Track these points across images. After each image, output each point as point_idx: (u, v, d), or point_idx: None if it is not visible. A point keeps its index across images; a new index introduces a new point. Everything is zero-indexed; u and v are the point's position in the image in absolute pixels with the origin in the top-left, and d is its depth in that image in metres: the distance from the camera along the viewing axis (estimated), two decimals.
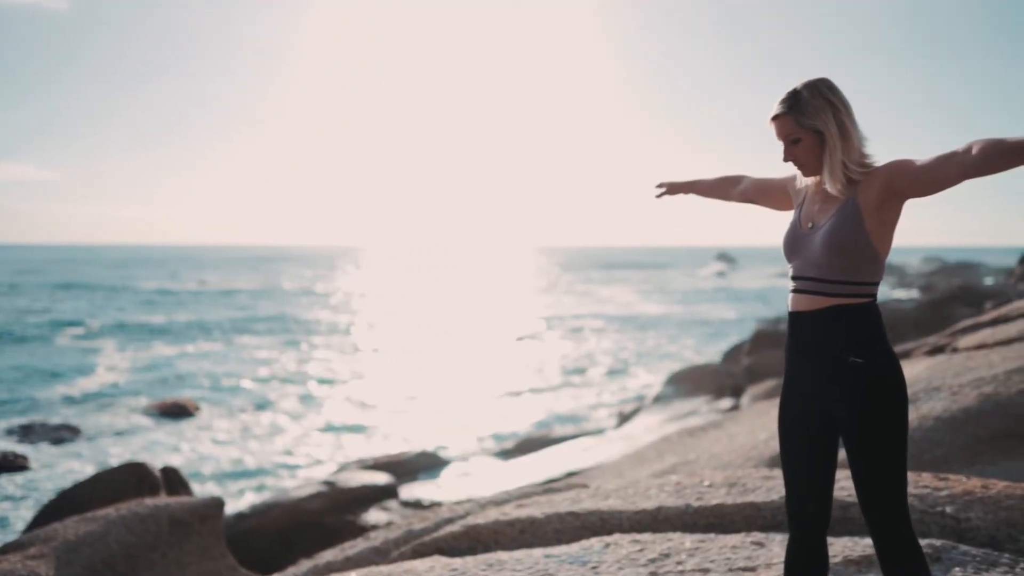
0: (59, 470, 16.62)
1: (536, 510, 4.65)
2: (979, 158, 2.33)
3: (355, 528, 11.91)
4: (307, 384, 27.26)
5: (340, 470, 15.33)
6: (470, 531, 4.60)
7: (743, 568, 3.64)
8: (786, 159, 2.78)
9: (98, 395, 24.86)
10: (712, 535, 4.09)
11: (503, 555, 4.09)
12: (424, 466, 16.14)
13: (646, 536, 4.10)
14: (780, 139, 2.75)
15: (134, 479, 9.65)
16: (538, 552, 4.04)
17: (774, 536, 4.02)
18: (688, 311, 56.64)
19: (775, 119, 2.74)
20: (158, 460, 15.18)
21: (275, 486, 15.92)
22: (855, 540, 3.90)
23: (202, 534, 5.92)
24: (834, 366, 2.65)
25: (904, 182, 2.55)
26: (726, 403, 18.10)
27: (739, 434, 8.86)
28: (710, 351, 33.89)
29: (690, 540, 4.02)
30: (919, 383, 7.62)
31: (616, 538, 4.12)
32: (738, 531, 4.22)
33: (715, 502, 4.43)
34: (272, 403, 23.94)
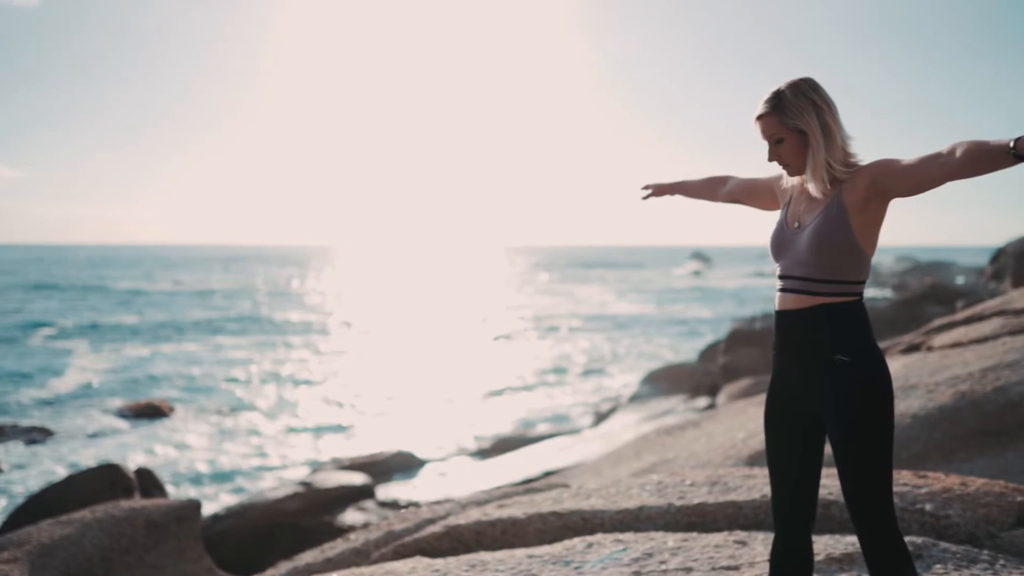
0: (31, 472, 16.43)
1: (518, 510, 4.63)
2: (961, 161, 2.33)
3: (332, 529, 11.85)
4: (282, 384, 27.11)
5: (316, 471, 15.26)
6: (451, 531, 4.57)
7: (726, 567, 3.65)
8: (771, 159, 2.78)
9: (71, 396, 24.60)
10: (694, 534, 4.09)
11: (485, 556, 4.07)
12: (400, 466, 16.09)
13: (628, 535, 4.10)
14: (764, 139, 2.75)
15: (108, 481, 9.56)
16: (521, 552, 4.03)
17: (756, 535, 4.02)
18: (664, 310, 56.86)
19: (759, 119, 2.74)
20: (132, 462, 15.04)
21: (251, 487, 15.82)
22: (836, 538, 3.92)
23: (179, 536, 5.85)
24: (820, 364, 2.65)
25: (889, 181, 2.55)
26: (702, 402, 18.18)
27: (717, 433, 8.88)
28: (686, 350, 34.03)
29: (672, 539, 4.02)
30: (896, 381, 7.68)
31: (598, 538, 4.11)
32: (720, 530, 4.22)
33: (697, 501, 4.43)
34: (247, 404, 23.79)
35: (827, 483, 4.13)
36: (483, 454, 17.29)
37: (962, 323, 10.51)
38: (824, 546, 3.79)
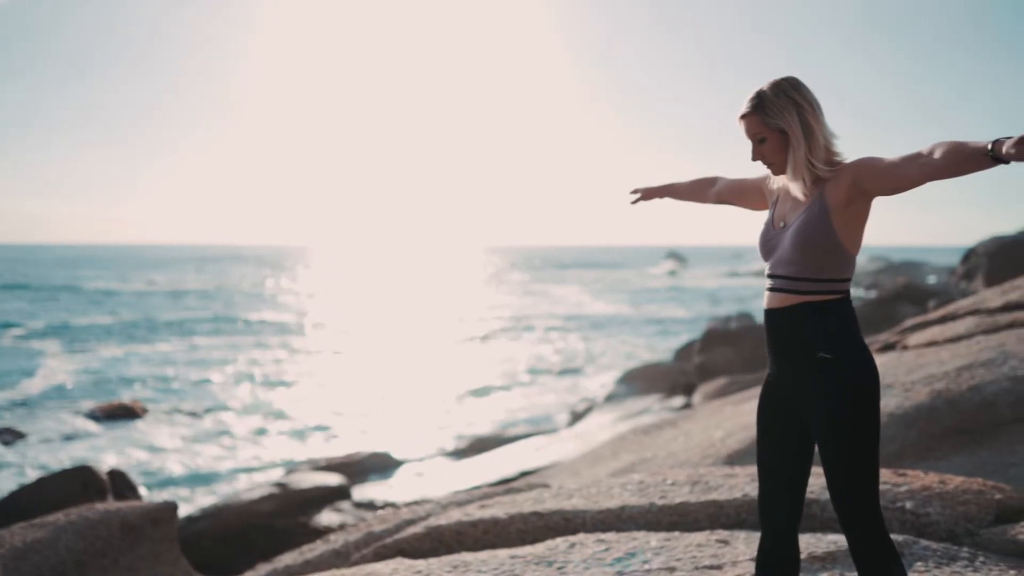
0: (1, 475, 16.21)
1: (499, 510, 4.61)
2: (941, 162, 2.33)
3: (308, 529, 11.78)
4: (256, 385, 26.92)
5: (291, 471, 15.16)
6: (432, 532, 4.54)
7: (709, 566, 3.64)
8: (754, 158, 2.80)
9: (41, 397, 24.31)
10: (676, 533, 4.08)
11: (468, 556, 4.04)
12: (376, 466, 16.01)
13: (611, 535, 4.08)
14: (748, 138, 2.76)
15: (80, 483, 9.45)
16: (503, 553, 4.00)
17: (738, 534, 4.02)
18: (640, 310, 57.00)
19: (742, 118, 2.76)
20: (104, 463, 14.88)
21: (225, 488, 15.69)
22: (818, 536, 3.93)
23: (155, 539, 5.78)
24: (805, 362, 2.66)
25: (870, 181, 2.55)
26: (678, 401, 18.23)
27: (694, 432, 8.90)
28: (662, 349, 34.12)
29: (655, 539, 4.01)
30: None
31: (581, 538, 4.09)
32: (702, 529, 4.22)
33: (678, 500, 4.42)
34: (221, 404, 23.60)
35: (809, 481, 4.13)
36: (459, 454, 17.24)
37: (936, 322, 10.60)
38: (806, 545, 3.79)
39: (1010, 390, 6.87)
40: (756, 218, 3.04)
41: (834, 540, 3.85)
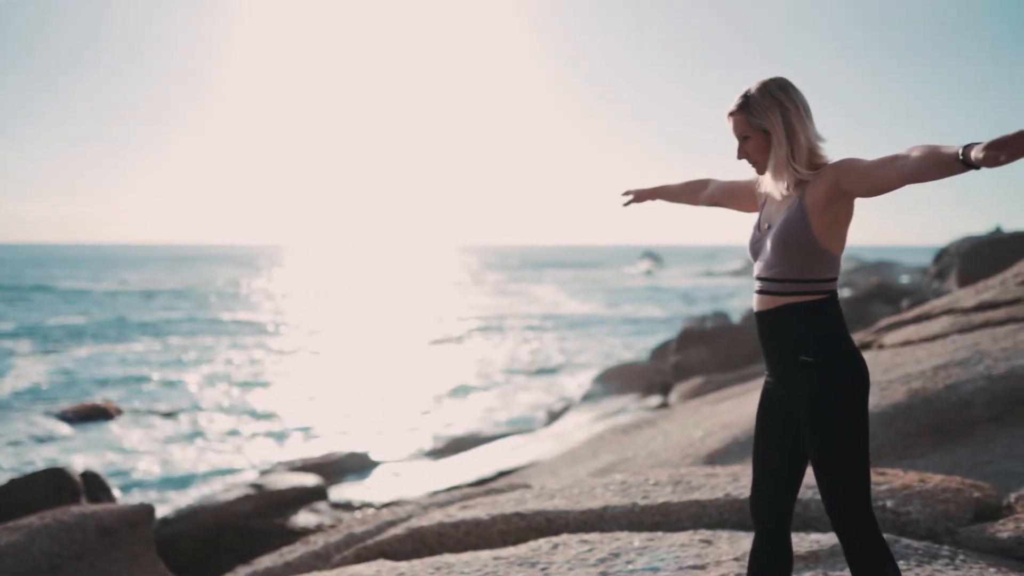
0: None
1: (481, 511, 4.58)
2: (915, 166, 2.33)
3: (284, 531, 11.70)
4: (231, 385, 26.72)
5: (267, 472, 15.04)
6: (414, 533, 4.51)
7: (693, 566, 3.64)
8: (739, 156, 2.82)
9: (12, 398, 24.00)
10: (659, 533, 4.08)
11: (450, 558, 4.02)
12: (353, 467, 15.93)
13: (594, 536, 4.07)
14: (735, 136, 2.77)
15: (53, 485, 9.32)
16: (486, 554, 3.98)
17: (721, 534, 4.03)
18: (617, 309, 57.10)
19: (729, 116, 2.79)
20: (77, 465, 14.71)
21: (200, 489, 15.55)
22: (801, 536, 3.94)
23: (131, 542, 5.71)
24: (791, 365, 2.66)
25: (849, 181, 2.56)
26: (654, 400, 18.27)
27: (673, 432, 8.91)
28: (638, 349, 34.19)
29: (638, 539, 4.00)
30: None
31: (564, 538, 4.08)
32: (685, 529, 4.22)
33: (661, 500, 4.42)
34: (195, 405, 23.40)
35: None
36: (437, 454, 17.19)
37: (912, 321, 10.70)
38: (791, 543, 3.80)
39: (986, 389, 6.93)
40: (730, 218, 3.05)
41: (816, 539, 3.86)
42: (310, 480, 13.50)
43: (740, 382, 13.84)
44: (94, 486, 10.85)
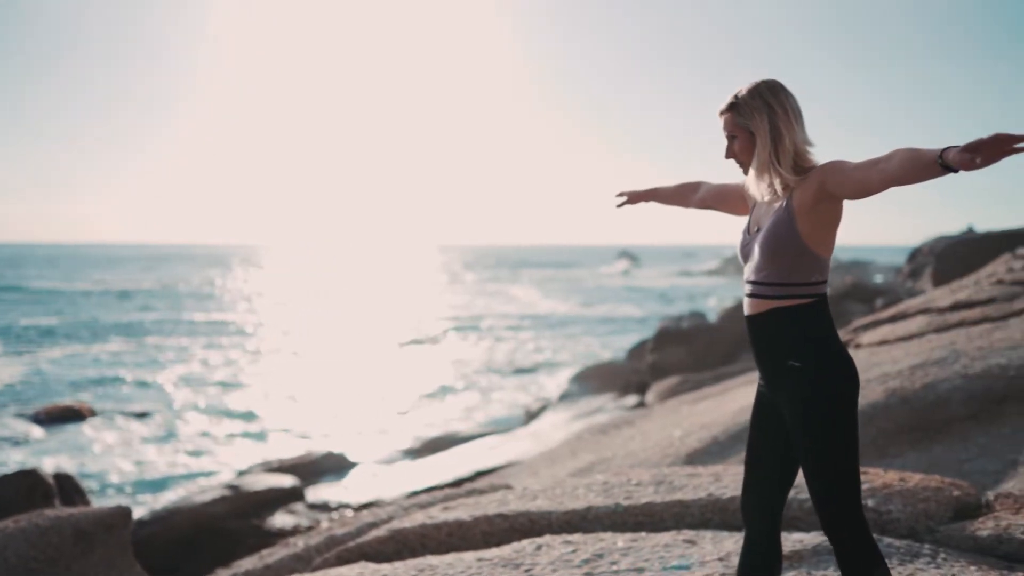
0: None
1: (463, 512, 4.56)
2: (896, 169, 2.34)
3: (261, 532, 11.63)
4: (207, 386, 26.52)
5: (244, 473, 14.93)
6: (396, 535, 4.48)
7: (677, 567, 3.63)
8: (727, 156, 2.84)
9: None
10: (643, 534, 4.07)
11: (433, 559, 3.99)
12: (330, 467, 15.84)
13: (577, 537, 4.06)
14: (725, 135, 2.78)
15: (25, 487, 9.23)
16: (469, 556, 3.96)
17: (704, 534, 4.02)
18: (594, 309, 57.21)
19: (720, 114, 2.80)
20: (50, 467, 14.54)
21: (176, 491, 15.42)
22: (784, 535, 3.92)
23: (108, 545, 5.64)
24: (780, 369, 2.66)
25: (835, 184, 2.56)
26: (631, 400, 18.31)
27: (652, 431, 8.93)
28: (615, 348, 34.26)
29: (622, 540, 3.99)
30: None
31: (547, 539, 4.06)
32: (668, 529, 4.21)
33: (644, 501, 4.41)
34: (170, 406, 23.20)
35: None
36: (414, 454, 17.14)
37: (887, 321, 10.78)
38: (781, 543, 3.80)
39: (962, 387, 6.99)
40: (705, 218, 3.06)
41: (799, 539, 3.86)
42: (287, 481, 13.41)
43: (716, 381, 13.90)
44: (67, 488, 10.74)
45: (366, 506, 12.04)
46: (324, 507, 12.98)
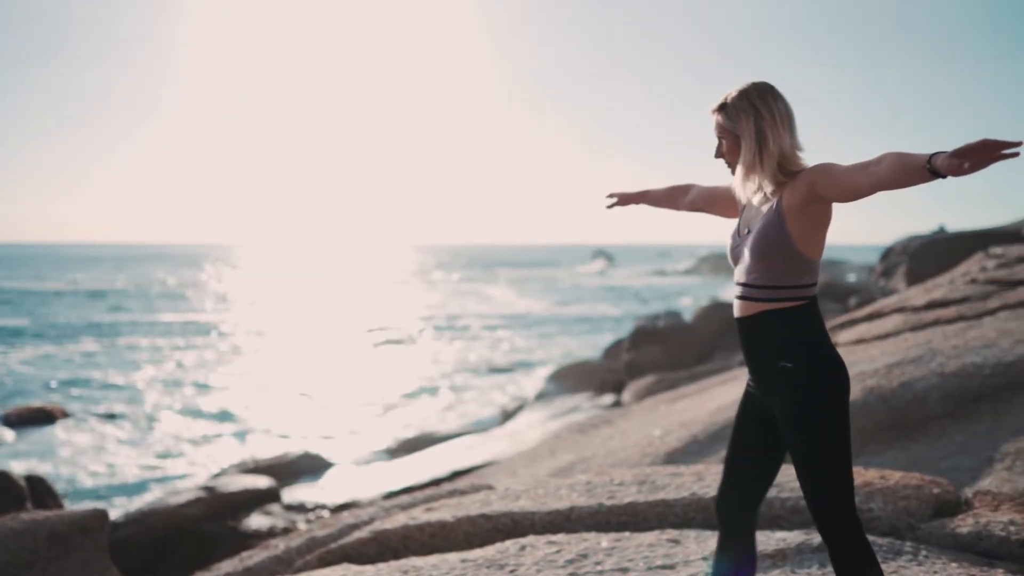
0: None
1: (446, 513, 4.54)
2: (884, 173, 2.34)
3: (237, 534, 11.54)
4: (181, 387, 26.31)
5: (219, 474, 14.81)
6: (378, 536, 4.45)
7: (662, 566, 3.63)
8: (716, 155, 2.86)
9: None
10: (627, 534, 4.07)
11: (417, 561, 3.96)
12: (307, 468, 15.75)
13: (561, 537, 4.05)
14: (716, 134, 2.80)
15: None
16: (453, 557, 3.94)
17: (688, 533, 4.02)
18: (570, 308, 57.28)
19: (712, 113, 2.82)
20: (21, 470, 14.35)
21: (150, 493, 15.28)
22: (767, 534, 3.95)
23: (84, 548, 5.56)
24: (771, 371, 2.66)
25: (824, 186, 2.56)
26: (607, 399, 18.34)
27: (631, 431, 8.94)
28: (592, 347, 34.32)
29: (606, 539, 3.99)
30: None
31: (531, 540, 4.05)
32: (651, 529, 4.21)
33: (627, 500, 4.41)
34: (144, 407, 22.99)
35: None
36: (391, 454, 17.10)
37: (863, 320, 10.86)
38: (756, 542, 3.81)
39: (939, 386, 7.05)
40: (681, 217, 3.06)
41: (783, 537, 3.87)
42: (262, 482, 13.31)
43: (692, 380, 13.94)
44: (40, 491, 10.61)
45: (343, 507, 11.97)
46: (301, 508, 12.90)
